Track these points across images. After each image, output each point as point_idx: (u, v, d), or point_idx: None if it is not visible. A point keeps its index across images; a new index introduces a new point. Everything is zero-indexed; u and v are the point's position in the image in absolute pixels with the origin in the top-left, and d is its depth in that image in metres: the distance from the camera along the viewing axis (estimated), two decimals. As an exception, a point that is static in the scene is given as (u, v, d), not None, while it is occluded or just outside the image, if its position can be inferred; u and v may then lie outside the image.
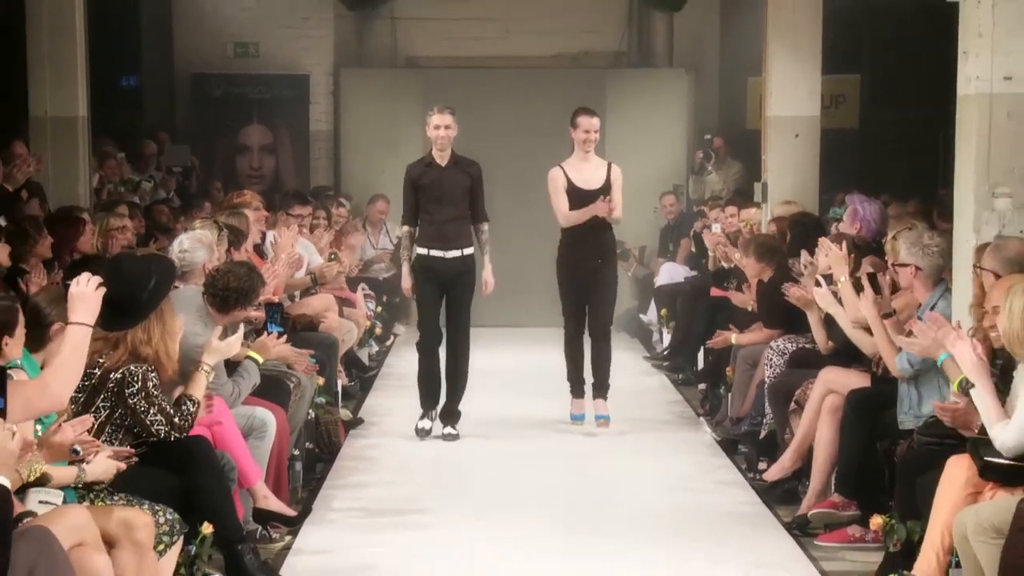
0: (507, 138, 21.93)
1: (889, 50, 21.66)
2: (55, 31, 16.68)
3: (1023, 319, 8.01)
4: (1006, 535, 7.56)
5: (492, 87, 22.29)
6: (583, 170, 14.10)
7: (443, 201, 13.64)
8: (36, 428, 7.65)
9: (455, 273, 13.67)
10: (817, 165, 17.58)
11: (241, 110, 23.37)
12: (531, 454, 13.45)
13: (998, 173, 9.72)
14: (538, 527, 10.97)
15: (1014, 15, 9.58)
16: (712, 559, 9.96)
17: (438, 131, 13.53)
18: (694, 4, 22.04)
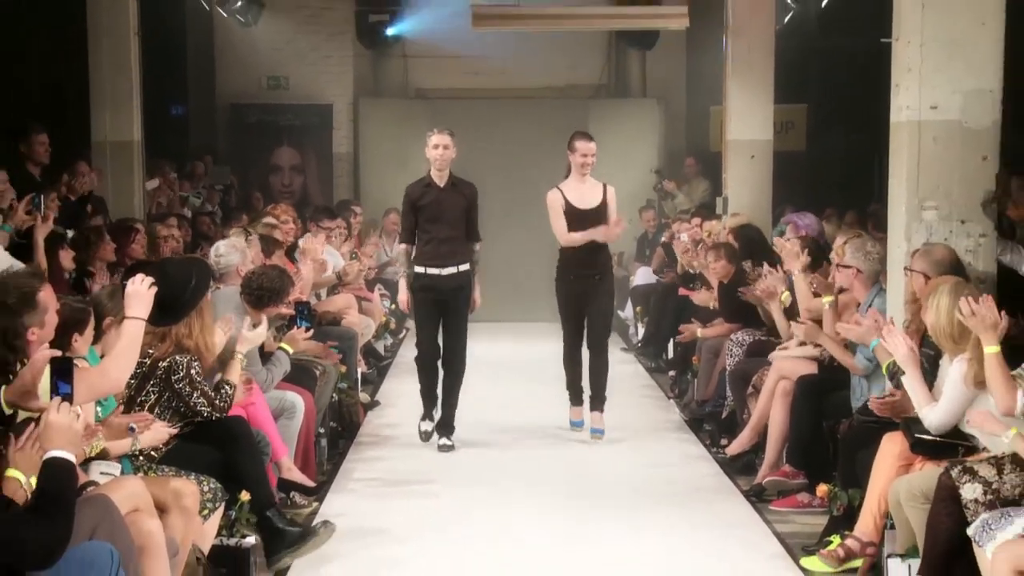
0: (503, 157, 22.01)
1: (831, 83, 21.64)
2: (114, 68, 16.70)
3: (948, 315, 8.04)
4: (932, 507, 7.59)
5: (490, 115, 22.29)
6: (580, 191, 13.03)
7: (441, 221, 12.57)
8: (97, 410, 7.67)
9: (451, 289, 12.58)
10: (770, 182, 17.59)
11: (273, 135, 23.39)
12: (525, 433, 13.44)
13: (926, 190, 9.72)
14: (531, 495, 11.04)
15: (938, 54, 9.58)
16: (681, 522, 9.96)
17: (436, 151, 12.56)
18: (664, 43, 22.07)
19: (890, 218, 10.19)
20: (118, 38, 16.73)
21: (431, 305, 12.67)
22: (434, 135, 12.68)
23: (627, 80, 23.39)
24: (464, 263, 12.67)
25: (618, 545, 9.65)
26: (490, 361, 16.77)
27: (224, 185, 20.90)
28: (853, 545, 8.79)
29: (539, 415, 14.13)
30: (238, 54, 23.12)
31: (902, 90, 9.81)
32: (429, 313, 12.72)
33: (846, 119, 20.63)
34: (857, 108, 19.95)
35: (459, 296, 12.65)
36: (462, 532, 9.97)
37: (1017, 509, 6.99)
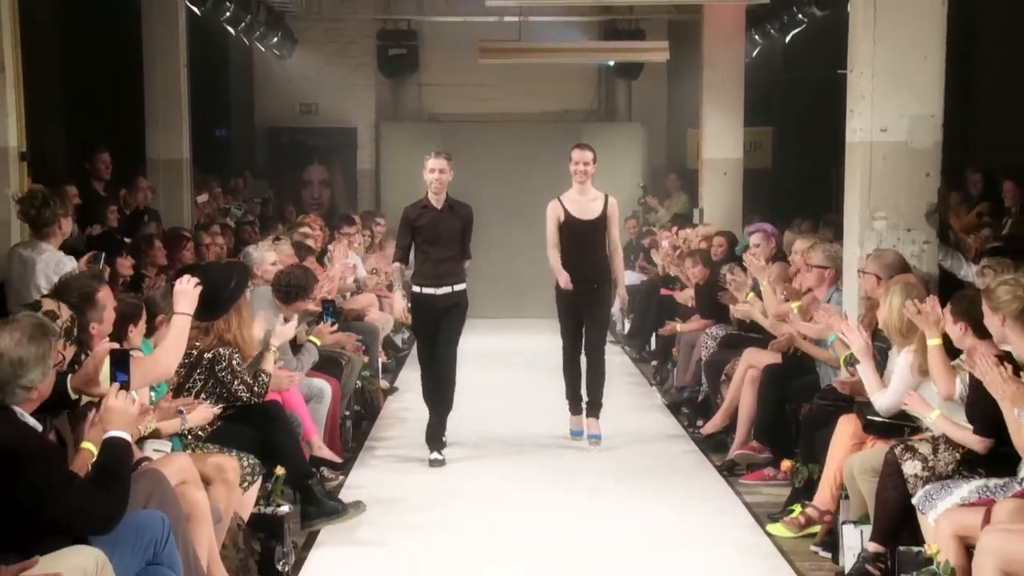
0: (505, 172, 22.06)
1: (794, 109, 21.65)
2: (166, 95, 16.79)
3: (899, 313, 8.08)
4: (880, 483, 7.60)
5: (494, 136, 22.30)
6: (579, 202, 11.82)
7: (438, 242, 11.38)
8: (150, 395, 7.69)
9: (445, 307, 11.36)
10: (740, 196, 17.65)
11: (305, 154, 23.36)
12: (522, 413, 13.46)
13: (876, 202, 9.75)
14: (530, 468, 11.11)
15: (887, 84, 9.61)
16: (661, 493, 9.96)
17: (433, 175, 11.42)
18: (647, 73, 22.02)
19: (845, 227, 10.23)
20: (170, 69, 16.83)
21: (430, 325, 11.47)
22: (431, 159, 11.59)
23: (615, 106, 23.36)
24: (459, 283, 11.50)
25: (604, 512, 9.66)
26: (491, 352, 16.83)
27: (262, 198, 20.91)
28: (812, 513, 8.80)
29: (534, 398, 14.10)
30: (274, 83, 23.12)
31: (856, 115, 9.83)
32: (428, 331, 11.52)
33: (807, 140, 20.65)
34: (816, 131, 19.97)
35: (452, 313, 11.45)
36: (469, 500, 10.03)
37: (956, 482, 7.01)
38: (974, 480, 6.94)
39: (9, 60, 9.40)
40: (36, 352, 5.50)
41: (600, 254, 11.98)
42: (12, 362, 5.46)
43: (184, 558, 6.23)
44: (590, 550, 8.83)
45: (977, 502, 6.63)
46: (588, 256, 11.89)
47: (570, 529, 9.31)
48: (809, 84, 20.51)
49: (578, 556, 8.69)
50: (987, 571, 5.82)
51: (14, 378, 5.47)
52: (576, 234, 11.84)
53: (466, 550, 8.82)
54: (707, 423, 12.00)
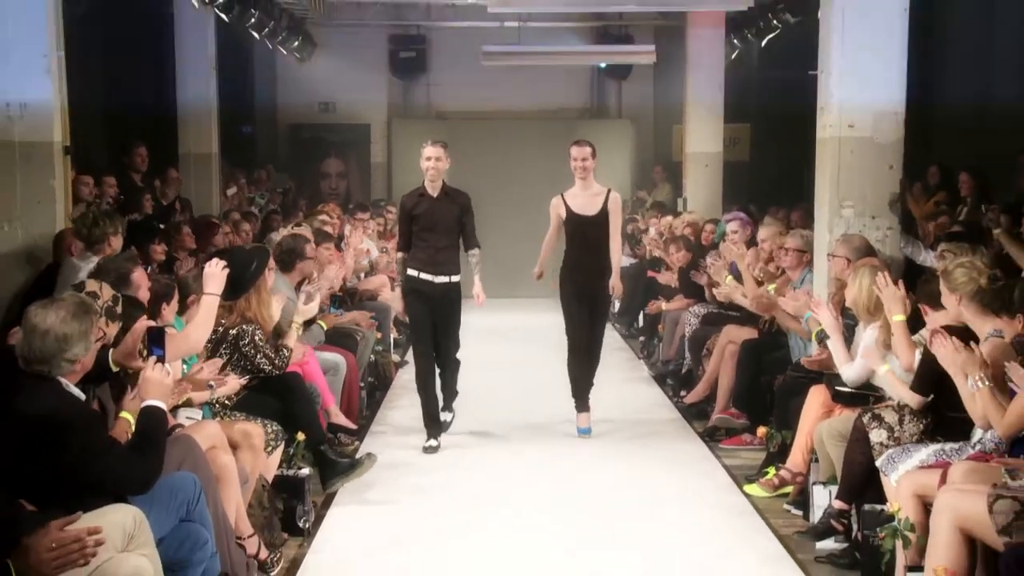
0: (507, 164, 22.05)
1: (769, 106, 21.58)
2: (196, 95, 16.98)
3: (867, 292, 8.13)
4: (849, 447, 7.63)
5: (496, 131, 22.28)
6: (581, 197, 11.06)
7: (436, 230, 10.55)
8: (183, 367, 7.71)
9: (440, 296, 10.59)
10: (720, 186, 17.67)
11: (323, 148, 23.35)
12: (520, 384, 13.57)
13: (844, 192, 9.76)
14: (527, 434, 11.16)
15: (855, 85, 9.61)
16: (648, 456, 9.98)
17: (429, 162, 10.66)
18: (636, 74, 22.03)
19: (816, 214, 10.24)
20: (200, 72, 16.88)
21: (424, 307, 10.66)
22: (427, 147, 10.80)
23: (606, 104, 23.34)
24: (456, 274, 10.70)
25: (596, 473, 9.74)
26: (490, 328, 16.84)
27: (284, 188, 20.92)
28: (785, 475, 8.85)
29: (531, 371, 14.24)
30: (295, 83, 23.09)
31: (826, 112, 9.85)
32: (424, 315, 10.69)
33: (781, 136, 20.58)
34: (790, 127, 19.89)
35: (447, 304, 10.69)
36: (471, 464, 10.08)
37: (916, 446, 7.03)
38: (932, 445, 6.96)
39: (54, 63, 9.40)
40: (79, 328, 5.54)
41: (604, 250, 11.09)
42: (58, 337, 5.49)
43: (214, 516, 6.25)
44: (582, 507, 8.88)
45: (934, 464, 6.65)
46: (592, 251, 11.08)
47: (564, 489, 9.37)
48: (783, 84, 20.45)
49: (571, 512, 8.75)
50: (942, 527, 5.84)
51: (59, 352, 5.51)
52: (579, 230, 11.10)
53: (467, 508, 8.89)
54: (690, 393, 12.05)
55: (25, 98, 9.37)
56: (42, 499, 5.21)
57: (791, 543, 8.03)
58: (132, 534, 5.29)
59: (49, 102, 9.41)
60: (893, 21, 9.64)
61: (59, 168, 9.57)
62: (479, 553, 7.91)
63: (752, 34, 17.27)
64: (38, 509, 5.13)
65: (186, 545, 5.81)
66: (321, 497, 8.90)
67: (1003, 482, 5.94)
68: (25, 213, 9.49)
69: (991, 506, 5.63)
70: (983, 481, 6.01)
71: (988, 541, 5.67)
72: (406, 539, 8.19)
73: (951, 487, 6.10)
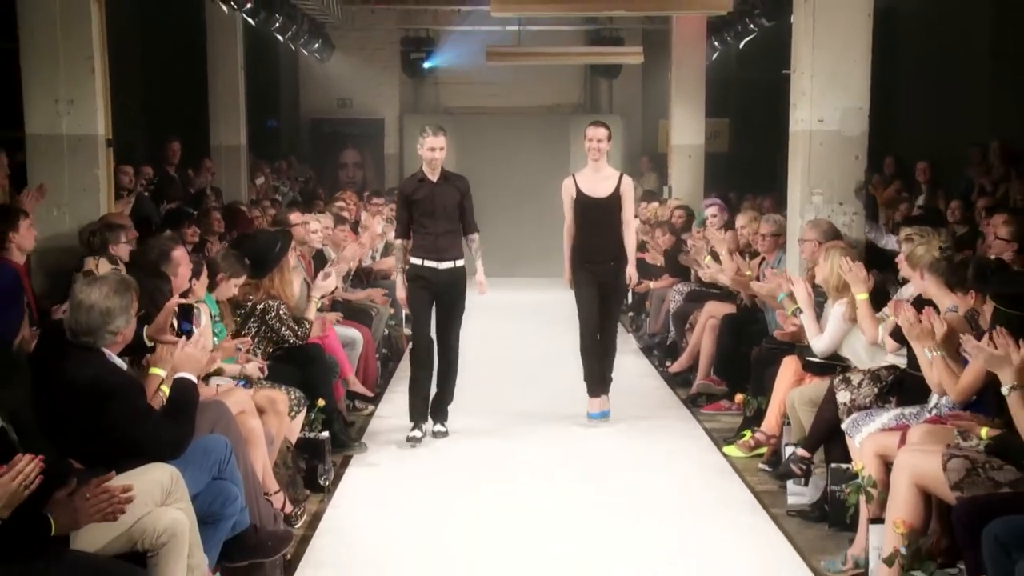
0: (506, 155, 22.12)
1: (747, 103, 21.60)
2: (226, 93, 16.93)
3: (835, 272, 8.17)
4: (818, 405, 7.65)
5: (498, 125, 22.32)
6: (593, 180, 10.01)
7: (436, 215, 9.58)
8: (214, 339, 7.72)
9: (446, 283, 9.62)
10: (702, 176, 17.65)
11: (341, 141, 23.34)
12: (520, 354, 13.56)
13: (814, 180, 9.77)
14: (525, 400, 11.16)
15: (824, 82, 9.61)
16: (636, 420, 9.99)
17: (432, 152, 9.58)
18: (625, 73, 21.98)
19: (788, 201, 10.25)
20: (229, 71, 16.90)
21: (427, 296, 9.65)
22: (428, 137, 9.62)
23: (598, 100, 23.29)
24: (459, 259, 9.70)
25: (586, 436, 9.77)
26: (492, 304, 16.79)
27: (305, 177, 20.94)
28: (760, 437, 8.86)
29: (529, 342, 14.28)
30: (316, 82, 23.07)
31: (798, 108, 9.84)
32: (425, 304, 9.67)
33: (757, 129, 20.59)
34: (765, 121, 19.91)
35: (452, 291, 9.69)
36: (474, 427, 10.07)
37: (879, 411, 7.04)
38: (894, 409, 6.98)
39: (98, 63, 9.40)
40: (121, 303, 5.58)
41: (614, 232, 10.09)
42: (102, 312, 5.53)
43: (244, 474, 6.27)
44: (573, 466, 8.94)
45: (895, 427, 6.67)
46: (601, 233, 10.08)
47: (557, 451, 9.40)
48: (759, 83, 20.46)
49: (563, 472, 8.81)
50: (901, 483, 5.85)
51: (103, 324, 5.55)
52: (589, 212, 10.04)
53: (469, 466, 8.95)
54: (674, 363, 12.04)
55: (72, 96, 9.38)
56: (86, 459, 5.24)
57: (765, 498, 8.06)
58: (169, 490, 5.31)
59: (94, 99, 9.42)
60: (859, 26, 9.64)
61: (102, 159, 9.57)
62: (483, 506, 7.97)
63: (731, 37, 17.21)
64: (84, 467, 5.15)
65: (218, 500, 5.82)
66: (339, 458, 8.94)
67: (956, 443, 5.95)
68: (72, 200, 9.51)
69: (945, 464, 5.65)
70: (938, 442, 6.03)
71: (942, 496, 5.69)
72: (417, 495, 8.21)
73: (909, 448, 6.11)
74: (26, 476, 4.18)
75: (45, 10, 9.24)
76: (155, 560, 5.10)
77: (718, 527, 7.53)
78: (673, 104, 17.63)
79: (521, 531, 7.45)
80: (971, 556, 5.20)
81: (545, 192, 20.20)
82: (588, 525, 7.55)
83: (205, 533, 5.62)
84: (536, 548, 7.09)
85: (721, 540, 7.28)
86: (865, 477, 6.45)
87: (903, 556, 5.71)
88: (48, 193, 9.53)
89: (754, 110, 21.03)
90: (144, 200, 12.65)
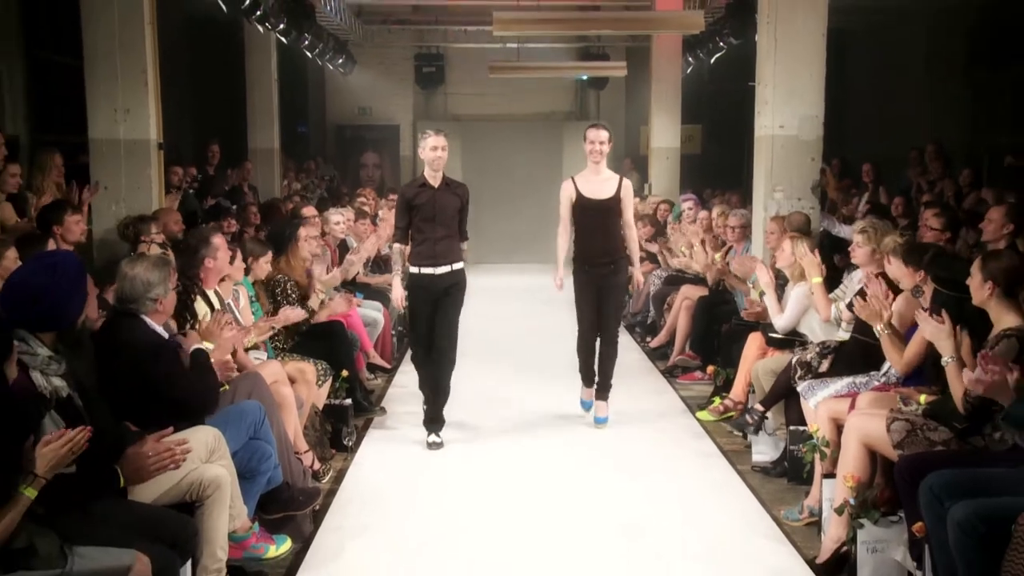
0: (506, 158, 22.08)
1: (717, 110, 21.58)
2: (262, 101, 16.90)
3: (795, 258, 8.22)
4: (778, 375, 7.68)
5: (499, 131, 22.28)
6: (592, 182, 8.84)
7: (436, 220, 8.48)
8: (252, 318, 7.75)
9: (445, 287, 8.52)
10: (678, 174, 17.60)
11: (362, 144, 23.31)
12: (518, 331, 13.54)
13: (776, 179, 9.78)
14: (520, 369, 11.14)
15: (784, 93, 9.62)
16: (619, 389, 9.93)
17: (435, 152, 8.47)
18: (611, 85, 21.93)
19: (753, 197, 10.26)
20: (264, 82, 16.91)
21: (427, 305, 8.57)
22: (430, 136, 8.54)
23: (587, 109, 23.23)
24: (457, 261, 8.60)
25: (571, 403, 9.70)
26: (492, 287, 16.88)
27: (330, 176, 20.95)
28: (729, 403, 8.88)
29: (526, 321, 14.28)
30: (340, 92, 23.05)
31: (762, 115, 9.84)
32: (425, 313, 8.59)
33: (726, 134, 20.58)
34: (733, 127, 19.93)
35: (451, 293, 8.58)
36: (477, 393, 10.05)
37: (832, 379, 7.05)
38: (846, 378, 7.00)
39: (151, 77, 9.41)
40: (159, 275, 5.66)
41: (614, 235, 9.02)
42: (143, 282, 5.60)
43: (277, 436, 6.30)
44: (560, 429, 8.98)
45: (846, 394, 6.69)
46: (601, 236, 8.96)
47: (546, 415, 9.42)
48: (728, 93, 20.45)
49: (549, 433, 8.87)
50: (851, 443, 5.88)
51: (145, 293, 5.61)
52: (589, 214, 8.88)
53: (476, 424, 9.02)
54: (654, 339, 12.06)
55: (129, 105, 9.40)
56: (140, 420, 5.27)
57: (733, 457, 8.08)
58: (213, 449, 5.35)
59: (147, 108, 9.44)
60: (814, 45, 9.66)
61: (154, 160, 9.59)
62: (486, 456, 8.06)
63: (703, 53, 17.17)
64: (139, 428, 5.19)
65: (255, 458, 5.85)
66: (361, 421, 8.96)
67: (898, 408, 6.00)
68: (128, 196, 9.53)
69: (888, 426, 5.68)
70: (883, 407, 6.06)
71: (886, 454, 5.72)
72: (432, 453, 8.26)
73: (858, 412, 6.14)
74: (75, 443, 4.21)
75: (106, 31, 9.29)
76: (202, 510, 5.14)
77: (692, 481, 7.57)
78: (653, 112, 17.60)
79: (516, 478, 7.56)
80: (910, 505, 5.23)
81: (540, 188, 20.34)
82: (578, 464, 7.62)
83: (243, 487, 5.67)
84: (530, 497, 7.13)
85: (695, 492, 7.32)
86: (819, 438, 6.49)
87: (852, 506, 5.73)
88: (108, 190, 9.57)
89: (723, 117, 21.01)
90: (189, 196, 12.67)
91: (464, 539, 6.42)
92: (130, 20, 9.31)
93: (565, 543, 6.27)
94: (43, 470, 4.10)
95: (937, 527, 4.82)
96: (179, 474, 5.04)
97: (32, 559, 4.02)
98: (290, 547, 5.92)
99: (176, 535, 4.73)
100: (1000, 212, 8.44)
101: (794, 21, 9.63)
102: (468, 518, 6.77)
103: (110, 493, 4.64)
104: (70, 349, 4.72)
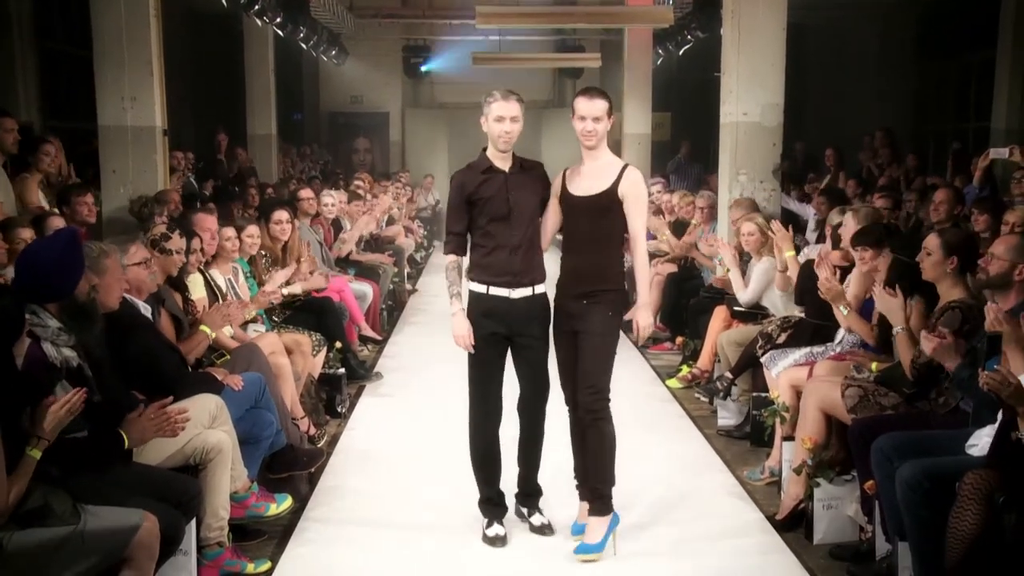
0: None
1: (684, 98, 21.58)
2: (260, 91, 16.87)
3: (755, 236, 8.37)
4: (743, 346, 7.71)
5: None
6: (583, 173, 5.57)
7: (510, 220, 5.37)
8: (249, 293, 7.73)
9: (523, 320, 5.46)
10: (650, 160, 17.60)
11: (354, 130, 23.32)
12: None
13: (740, 163, 9.76)
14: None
15: (747, 82, 9.59)
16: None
17: (501, 125, 5.61)
18: (586, 75, 21.85)
19: (719, 180, 10.25)
20: (262, 72, 16.87)
21: (496, 343, 5.55)
22: (496, 102, 5.75)
23: (565, 97, 23.26)
24: (540, 283, 5.52)
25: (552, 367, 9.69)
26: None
27: (324, 161, 20.92)
28: (696, 372, 8.93)
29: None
30: (333, 81, 23.03)
31: (727, 103, 9.82)
32: (493, 356, 5.59)
33: (693, 121, 20.54)
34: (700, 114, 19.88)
35: (534, 328, 5.51)
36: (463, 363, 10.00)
37: (792, 349, 7.07)
38: (804, 348, 7.02)
39: (156, 67, 9.35)
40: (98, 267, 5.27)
41: (602, 250, 5.58)
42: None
43: (276, 403, 6.30)
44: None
45: (805, 363, 6.71)
46: (584, 251, 5.54)
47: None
48: (695, 82, 20.45)
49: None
50: (808, 408, 5.91)
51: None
52: (572, 218, 5.53)
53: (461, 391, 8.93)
54: (627, 312, 12.05)
55: (135, 93, 9.35)
56: (144, 390, 5.25)
57: (699, 421, 8.13)
58: (215, 415, 5.35)
59: (152, 96, 9.39)
60: (775, 38, 9.63)
61: (159, 146, 9.55)
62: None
63: (672, 45, 17.16)
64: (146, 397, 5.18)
65: (257, 425, 5.85)
66: (354, 389, 8.95)
67: (852, 375, 6.04)
68: (135, 179, 9.49)
69: (843, 392, 5.72)
70: (839, 374, 6.10)
71: (841, 417, 5.75)
72: (420, 418, 8.25)
73: (816, 379, 6.18)
74: (72, 405, 4.20)
75: (114, 24, 9.24)
76: (204, 472, 5.14)
77: (662, 442, 7.61)
78: (625, 100, 17.56)
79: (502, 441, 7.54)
80: (862, 465, 5.28)
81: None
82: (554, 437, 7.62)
83: (246, 451, 5.66)
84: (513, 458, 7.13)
85: (664, 452, 7.36)
86: (780, 403, 6.52)
87: (809, 466, 5.77)
88: (116, 174, 9.54)
89: (691, 105, 20.99)
90: (188, 180, 12.64)
91: (453, 496, 6.42)
92: (136, 13, 9.25)
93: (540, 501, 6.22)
94: (46, 432, 4.10)
95: (886, 485, 4.85)
96: (183, 439, 5.04)
97: (48, 517, 4.03)
98: (290, 504, 5.93)
99: (181, 496, 4.73)
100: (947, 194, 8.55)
101: (756, 16, 9.60)
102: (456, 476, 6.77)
103: (118, 456, 4.64)
104: (75, 321, 4.69)
